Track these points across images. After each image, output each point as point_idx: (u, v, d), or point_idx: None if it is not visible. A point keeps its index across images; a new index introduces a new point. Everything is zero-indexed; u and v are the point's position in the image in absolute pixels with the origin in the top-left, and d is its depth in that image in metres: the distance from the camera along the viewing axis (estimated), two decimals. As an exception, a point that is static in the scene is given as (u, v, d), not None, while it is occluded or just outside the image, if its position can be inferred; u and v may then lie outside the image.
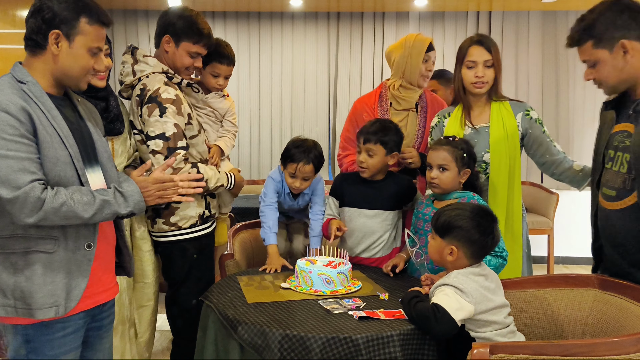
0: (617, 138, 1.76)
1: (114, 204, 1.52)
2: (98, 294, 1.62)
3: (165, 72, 2.27)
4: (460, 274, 1.70)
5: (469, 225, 1.71)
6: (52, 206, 1.42)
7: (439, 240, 1.76)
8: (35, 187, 1.41)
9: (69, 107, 1.61)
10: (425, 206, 2.24)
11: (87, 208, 1.47)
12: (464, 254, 1.72)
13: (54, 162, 1.47)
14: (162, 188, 1.63)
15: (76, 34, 1.51)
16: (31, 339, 1.50)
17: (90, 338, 1.67)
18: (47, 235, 1.49)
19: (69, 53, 1.52)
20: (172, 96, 2.16)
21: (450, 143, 2.12)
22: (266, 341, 1.62)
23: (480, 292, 1.67)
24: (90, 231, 1.55)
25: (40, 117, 1.46)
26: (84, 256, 1.54)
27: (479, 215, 1.74)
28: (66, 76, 1.55)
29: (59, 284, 1.49)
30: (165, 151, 2.14)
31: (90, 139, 1.62)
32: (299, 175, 2.29)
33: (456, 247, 1.72)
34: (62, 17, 1.49)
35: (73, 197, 1.45)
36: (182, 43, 2.27)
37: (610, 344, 1.43)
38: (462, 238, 1.71)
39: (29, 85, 1.49)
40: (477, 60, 2.26)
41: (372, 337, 1.59)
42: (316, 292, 1.95)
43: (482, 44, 2.27)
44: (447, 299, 1.64)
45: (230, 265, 2.45)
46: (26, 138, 1.42)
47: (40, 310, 1.47)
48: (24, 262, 1.47)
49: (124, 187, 1.57)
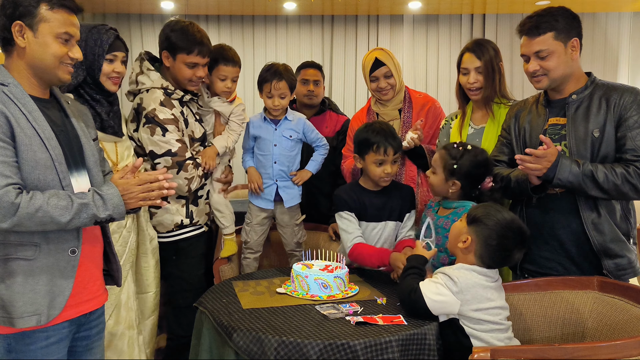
0: (549, 131, 1.99)
1: (92, 207, 1.45)
2: (84, 302, 1.57)
3: (164, 89, 2.30)
4: (464, 268, 1.71)
5: (494, 229, 1.70)
6: (27, 211, 1.37)
7: (463, 224, 1.77)
8: (9, 191, 1.36)
9: (55, 109, 1.57)
10: (432, 210, 2.20)
11: (64, 213, 1.41)
12: (475, 251, 1.72)
13: (32, 166, 1.43)
14: (147, 189, 1.55)
15: (39, 22, 1.47)
16: (13, 349, 1.45)
17: (78, 348, 1.61)
18: (27, 242, 1.44)
19: (35, 43, 1.48)
20: (169, 116, 2.25)
21: (450, 150, 2.07)
22: (262, 348, 1.58)
23: (476, 290, 1.67)
24: (73, 236, 1.50)
25: (18, 119, 1.42)
26: (68, 262, 1.49)
27: (509, 226, 1.71)
28: (40, 69, 1.50)
29: (40, 292, 1.44)
30: (176, 166, 2.25)
31: (77, 142, 1.57)
32: (275, 93, 2.47)
33: (471, 239, 1.72)
34: (22, 8, 1.46)
35: (49, 201, 1.40)
36: (178, 56, 2.29)
37: (613, 346, 1.41)
38: (481, 235, 1.71)
39: (10, 87, 1.46)
40: (469, 67, 2.29)
41: (370, 343, 1.56)
42: (313, 297, 1.92)
43: (473, 51, 2.29)
44: (431, 284, 1.70)
45: (225, 270, 2.42)
46: (1, 141, 1.38)
47: (20, 319, 1.42)
48: (3, 270, 1.43)
49: (103, 190, 1.50)
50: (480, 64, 2.26)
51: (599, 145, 1.89)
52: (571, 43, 1.92)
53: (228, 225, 2.55)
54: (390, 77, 2.59)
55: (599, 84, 1.96)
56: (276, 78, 2.45)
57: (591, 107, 1.92)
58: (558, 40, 1.90)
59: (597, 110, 1.91)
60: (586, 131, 1.90)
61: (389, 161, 2.18)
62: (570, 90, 1.98)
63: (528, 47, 1.95)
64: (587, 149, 1.90)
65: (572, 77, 1.97)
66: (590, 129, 1.90)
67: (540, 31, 1.91)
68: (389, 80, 2.59)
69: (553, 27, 1.90)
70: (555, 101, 2.01)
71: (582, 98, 1.95)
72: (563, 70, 1.93)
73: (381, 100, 2.66)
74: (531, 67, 1.95)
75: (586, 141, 1.90)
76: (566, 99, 1.98)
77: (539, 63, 1.93)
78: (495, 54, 2.29)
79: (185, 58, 2.27)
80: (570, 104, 1.96)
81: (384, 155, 2.17)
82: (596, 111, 1.91)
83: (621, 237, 1.92)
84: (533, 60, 1.94)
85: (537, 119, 2.04)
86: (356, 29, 5.29)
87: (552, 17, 1.91)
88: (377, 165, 2.19)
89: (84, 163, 1.57)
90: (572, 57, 1.94)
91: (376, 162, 2.18)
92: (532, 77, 1.97)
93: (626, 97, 1.88)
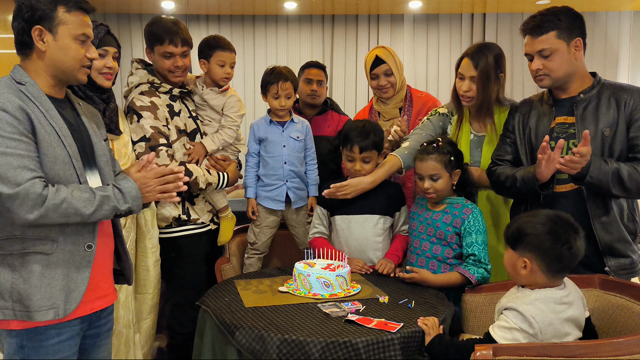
0: (556, 130, 2.00)
1: (113, 199, 1.49)
2: (95, 299, 1.58)
3: (150, 83, 2.34)
4: (539, 300, 1.52)
5: (540, 232, 1.53)
6: (53, 202, 1.40)
7: (511, 252, 1.61)
8: (36, 183, 1.39)
9: (69, 109, 1.60)
10: (420, 207, 2.23)
11: (88, 204, 1.44)
12: (539, 268, 1.54)
13: (52, 161, 1.46)
14: (164, 182, 1.59)
15: (58, 25, 1.50)
16: (25, 345, 1.47)
17: (87, 346, 1.63)
18: (45, 236, 1.46)
19: (56, 46, 1.50)
20: (145, 103, 2.28)
21: (436, 150, 2.10)
22: (264, 346, 1.59)
23: (554, 327, 1.50)
24: (89, 232, 1.53)
25: (38, 117, 1.45)
26: (84, 257, 1.51)
27: (552, 221, 1.55)
28: (60, 70, 1.53)
29: (57, 286, 1.46)
30: (148, 151, 2.24)
31: (89, 142, 1.60)
32: (282, 93, 2.51)
33: (529, 260, 1.55)
34: (40, 12, 1.48)
35: (73, 193, 1.43)
36: (155, 48, 2.35)
37: (615, 344, 1.40)
38: (533, 248, 1.54)
39: (27, 86, 1.49)
40: (465, 75, 2.23)
41: (372, 341, 1.56)
42: (315, 295, 1.93)
43: (472, 58, 2.20)
44: (505, 333, 1.50)
45: (226, 269, 2.42)
46: (25, 136, 1.41)
47: (38, 313, 1.44)
48: (21, 264, 1.45)
49: (121, 183, 1.54)
50: (476, 73, 2.18)
51: (610, 143, 1.91)
52: (574, 42, 1.93)
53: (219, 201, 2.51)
54: (391, 75, 2.60)
55: (606, 84, 1.99)
56: (282, 79, 2.49)
57: (600, 106, 1.94)
58: (561, 39, 1.92)
59: (607, 109, 1.92)
60: (596, 130, 1.92)
61: (357, 159, 2.27)
62: (575, 89, 1.99)
63: (531, 46, 1.96)
64: (597, 147, 1.91)
65: (577, 76, 1.98)
66: (600, 128, 1.92)
67: (543, 30, 1.92)
68: (389, 78, 2.60)
69: (556, 26, 1.91)
70: (562, 100, 2.02)
71: (589, 97, 1.96)
72: (566, 69, 1.94)
73: (382, 98, 2.67)
74: (534, 66, 1.97)
75: (596, 140, 1.91)
76: (573, 97, 1.99)
77: (542, 62, 1.95)
78: (496, 63, 2.18)
79: (160, 49, 2.32)
80: (579, 102, 1.97)
81: (351, 152, 2.28)
82: (605, 110, 1.93)
83: (627, 237, 1.94)
84: (536, 59, 1.96)
85: (543, 118, 2.05)
86: (356, 28, 5.29)
87: (555, 16, 1.92)
88: (348, 160, 2.32)
89: (96, 162, 1.60)
90: (576, 57, 1.95)
91: (347, 158, 2.32)
92: (535, 75, 1.98)
93: (636, 97, 1.91)
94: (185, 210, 2.39)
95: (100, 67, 2.07)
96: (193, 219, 2.40)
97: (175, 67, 2.34)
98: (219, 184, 2.43)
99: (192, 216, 2.40)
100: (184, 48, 2.35)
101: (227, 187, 2.49)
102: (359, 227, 2.31)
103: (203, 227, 2.45)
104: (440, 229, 2.12)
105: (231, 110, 2.50)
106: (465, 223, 2.07)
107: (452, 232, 2.10)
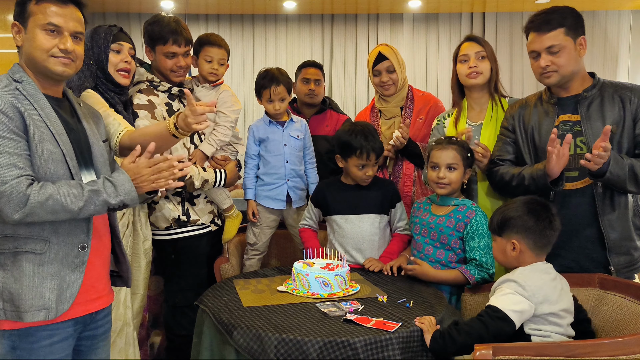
0: (561, 128, 2.00)
1: (103, 193, 1.45)
2: (91, 301, 1.56)
3: (150, 81, 2.34)
4: (527, 269, 1.66)
5: (522, 212, 1.69)
6: (37, 200, 1.37)
7: (498, 240, 1.75)
8: (22, 181, 1.37)
9: (66, 109, 1.59)
10: (423, 211, 2.21)
11: (76, 200, 1.41)
12: (527, 246, 1.69)
13: (44, 159, 1.44)
14: (157, 171, 1.53)
15: (28, 18, 1.50)
16: (17, 346, 1.45)
17: (83, 348, 1.60)
18: (37, 236, 1.44)
19: (26, 39, 1.51)
20: (143, 102, 2.28)
21: (456, 142, 2.13)
22: (262, 346, 1.58)
23: (545, 291, 1.61)
24: (83, 232, 1.51)
25: (32, 114, 1.45)
26: (77, 258, 1.49)
27: (530, 202, 1.72)
28: (33, 64, 1.51)
29: (49, 286, 1.44)
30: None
31: (86, 142, 1.58)
32: (275, 97, 2.53)
33: (517, 241, 1.69)
34: (18, 8, 1.51)
35: (60, 190, 1.41)
36: (157, 48, 2.34)
37: (615, 344, 1.40)
38: (519, 228, 1.69)
39: (24, 84, 1.48)
40: (469, 53, 2.30)
41: (370, 341, 1.55)
42: (313, 295, 1.92)
43: (473, 39, 2.33)
44: (503, 298, 1.60)
45: (225, 269, 2.41)
46: (15, 134, 1.40)
47: (28, 313, 1.41)
48: (12, 263, 1.43)
49: (113, 176, 1.50)
50: (482, 48, 2.28)
51: (618, 141, 1.92)
52: (579, 40, 1.95)
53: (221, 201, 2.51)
54: (393, 72, 2.60)
55: (606, 82, 2.00)
56: (274, 83, 2.49)
57: (604, 103, 1.95)
58: (568, 36, 1.93)
59: (611, 107, 1.94)
60: (603, 127, 1.90)
61: (370, 165, 2.26)
62: (576, 88, 2.00)
63: (539, 43, 1.95)
64: None
65: (579, 75, 2.00)
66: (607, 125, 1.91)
67: (551, 27, 1.93)
68: (391, 75, 2.61)
69: (563, 23, 1.92)
70: (565, 98, 2.02)
71: (592, 95, 1.97)
72: (573, 66, 1.95)
73: (383, 96, 2.67)
74: (543, 62, 1.95)
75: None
76: (577, 96, 2.00)
77: (550, 59, 1.94)
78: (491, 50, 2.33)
79: (162, 49, 2.31)
80: (582, 100, 1.98)
81: (367, 160, 2.24)
82: (610, 107, 1.94)
83: (633, 234, 1.96)
84: (544, 56, 1.95)
85: (546, 117, 2.05)
86: (356, 27, 5.28)
87: (561, 14, 1.94)
88: (359, 168, 2.27)
89: (92, 162, 1.58)
90: (580, 55, 1.97)
91: (358, 166, 2.26)
92: (542, 73, 1.97)
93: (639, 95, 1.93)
94: (185, 211, 2.37)
95: (116, 63, 2.09)
96: (193, 220, 2.39)
97: (177, 66, 2.33)
98: (216, 182, 2.41)
99: (192, 217, 2.39)
100: (187, 48, 2.34)
101: (225, 185, 2.47)
102: (355, 227, 2.30)
103: (203, 229, 2.43)
104: (444, 234, 2.11)
105: (224, 106, 2.47)
106: (468, 227, 2.07)
107: (455, 237, 2.10)
